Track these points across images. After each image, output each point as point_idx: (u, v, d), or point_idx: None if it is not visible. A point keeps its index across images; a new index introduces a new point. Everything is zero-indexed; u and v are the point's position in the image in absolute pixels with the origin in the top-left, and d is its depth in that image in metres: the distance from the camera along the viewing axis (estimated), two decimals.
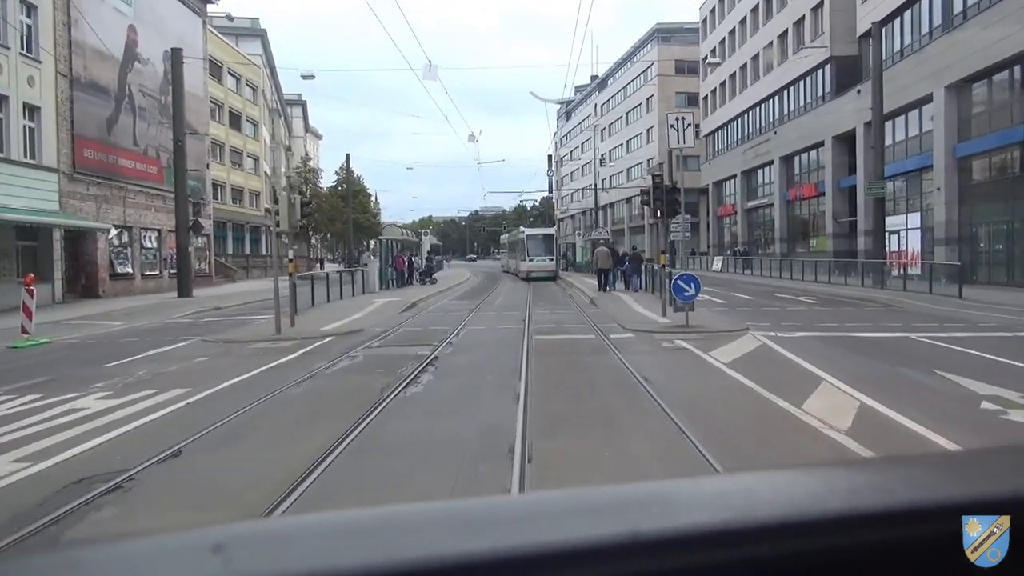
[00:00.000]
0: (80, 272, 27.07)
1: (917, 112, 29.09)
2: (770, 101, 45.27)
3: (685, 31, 67.63)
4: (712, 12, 55.34)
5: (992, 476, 0.80)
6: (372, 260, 28.90)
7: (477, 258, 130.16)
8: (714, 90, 54.78)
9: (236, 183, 48.59)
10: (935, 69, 26.53)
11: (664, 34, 69.71)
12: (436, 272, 45.17)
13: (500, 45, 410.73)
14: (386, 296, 25.12)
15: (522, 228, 48.19)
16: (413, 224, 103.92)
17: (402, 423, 6.71)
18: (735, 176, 50.41)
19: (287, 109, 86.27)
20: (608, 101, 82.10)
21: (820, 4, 37.94)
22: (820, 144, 37.85)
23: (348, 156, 45.86)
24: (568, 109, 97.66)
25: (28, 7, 23.71)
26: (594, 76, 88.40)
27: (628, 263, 26.82)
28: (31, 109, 23.85)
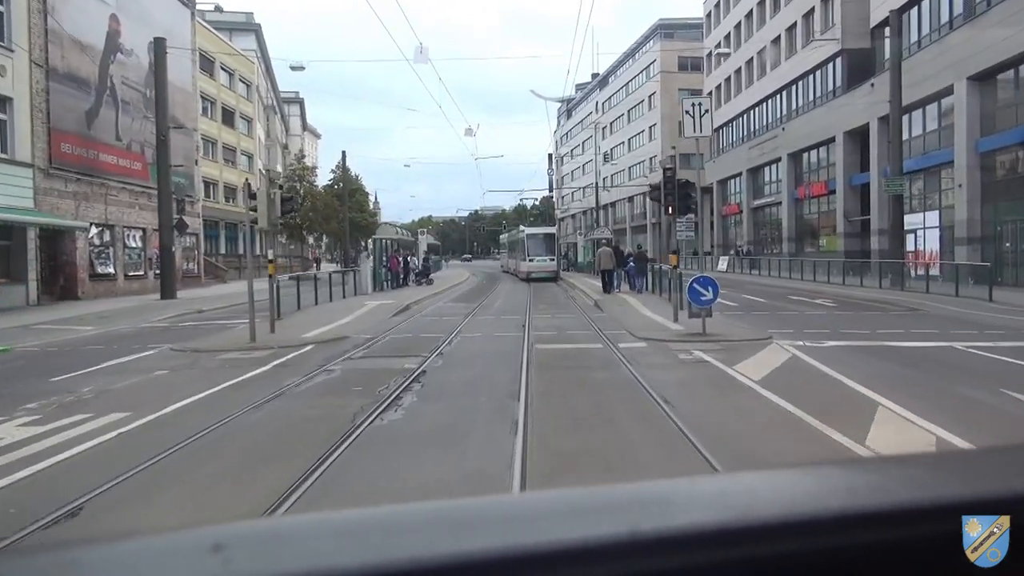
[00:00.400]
0: (58, 273, 25.77)
1: (936, 105, 27.76)
2: (777, 96, 43.92)
3: (688, 27, 66.44)
4: (717, 6, 53.97)
5: (992, 476, 0.79)
6: (364, 260, 27.47)
7: (472, 258, 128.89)
8: (718, 86, 53.41)
9: (229, 181, 47.17)
10: (956, 60, 25.19)
11: (667, 30, 68.45)
12: (433, 273, 43.92)
13: (500, 45, 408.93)
14: (379, 298, 23.80)
15: (522, 227, 46.80)
16: (412, 224, 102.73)
17: (370, 467, 5.39)
18: (740, 174, 49.05)
19: (284, 107, 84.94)
20: (610, 99, 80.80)
21: None
22: (831, 140, 36.49)
23: (344, 153, 44.47)
24: (569, 107, 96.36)
25: None
26: (595, 74, 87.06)
27: (633, 263, 25.74)
28: (2, 100, 22.50)
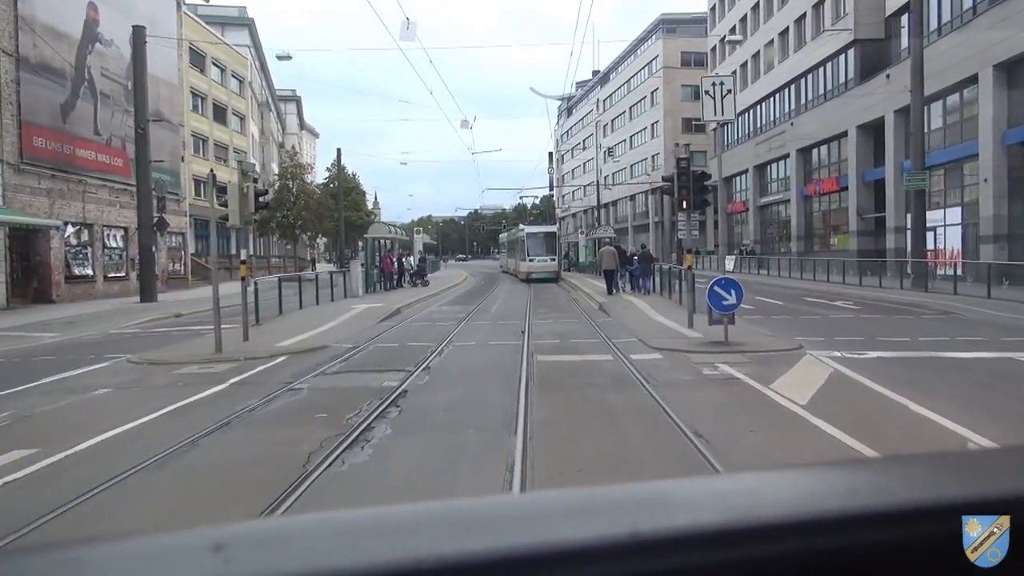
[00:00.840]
0: (31, 274, 24.38)
1: (958, 96, 26.34)
2: (786, 90, 42.45)
3: (691, 22, 65.04)
4: (721, 0, 52.57)
5: (992, 476, 0.79)
6: (355, 261, 26.05)
7: (467, 258, 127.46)
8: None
9: (221, 179, 45.63)
10: (981, 47, 23.74)
11: (669, 25, 67.02)
12: (430, 273, 42.48)
13: (499, 44, 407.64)
14: (369, 301, 22.38)
15: (522, 226, 45.31)
16: (412, 224, 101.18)
17: None
18: (747, 171, 47.60)
19: (280, 105, 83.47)
20: (611, 96, 79.33)
21: None
22: (843, 135, 35.03)
23: (339, 151, 43.03)
24: (569, 105, 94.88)
25: None
26: (595, 71, 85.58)
27: (638, 263, 24.42)
28: None
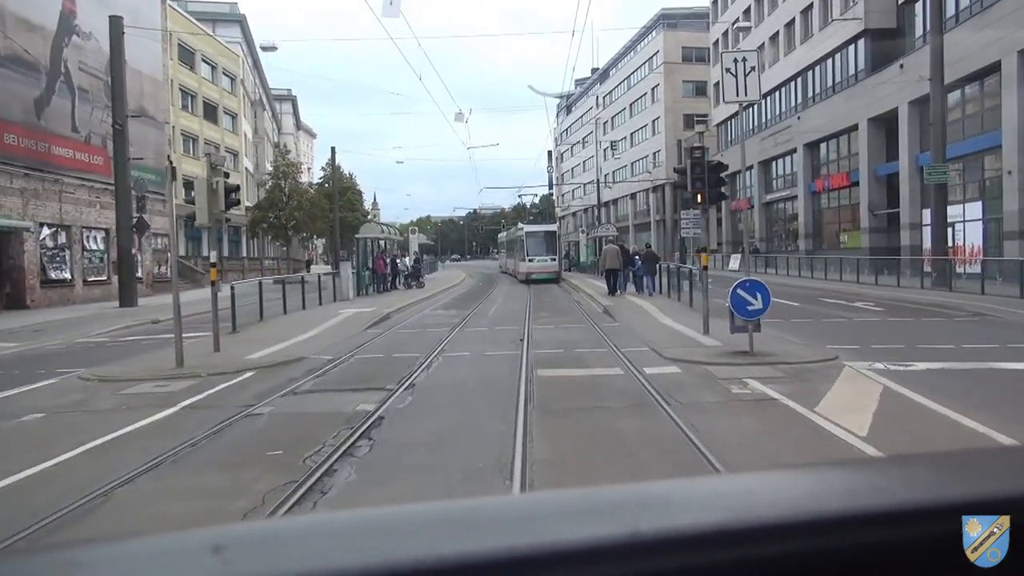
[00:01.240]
0: (3, 279, 23.10)
1: (978, 85, 25.09)
2: (792, 83, 41.19)
3: (693, 16, 63.81)
4: None
5: (992, 476, 0.78)
6: (345, 263, 24.78)
7: (461, 258, 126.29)
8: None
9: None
10: (1003, 33, 22.48)
11: (670, 20, 65.77)
12: (428, 274, 41.21)
13: (498, 43, 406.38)
14: (359, 305, 21.10)
15: (521, 225, 44.04)
16: (410, 224, 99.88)
17: None
18: (751, 167, 46.26)
19: (275, 104, 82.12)
20: (611, 93, 78.06)
21: None
22: (853, 128, 33.72)
23: (333, 149, 41.78)
24: (568, 103, 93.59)
25: None
26: (595, 68, 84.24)
27: (642, 263, 23.23)
28: None
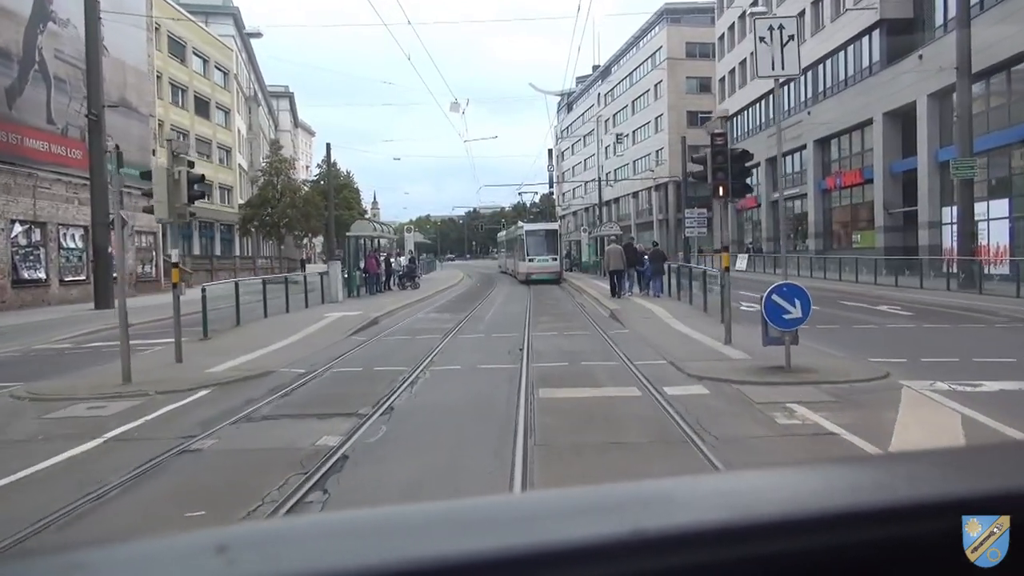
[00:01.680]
0: None
1: (1004, 76, 23.74)
2: (802, 78, 39.81)
3: (696, 11, 62.53)
4: None
5: (993, 474, 0.78)
6: (334, 263, 23.43)
7: (456, 257, 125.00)
8: (732, 70, 49.28)
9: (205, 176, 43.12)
10: None
11: (673, 15, 64.40)
12: (425, 274, 39.85)
13: (497, 42, 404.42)
14: (347, 308, 19.73)
15: (521, 223, 42.69)
16: (409, 223, 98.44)
17: None
18: (759, 164, 44.89)
19: (272, 101, 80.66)
20: (612, 90, 76.62)
21: None
22: (867, 123, 32.38)
23: (328, 146, 40.27)
24: (569, 101, 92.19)
25: None
26: (596, 66, 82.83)
27: (649, 263, 21.91)
28: None
